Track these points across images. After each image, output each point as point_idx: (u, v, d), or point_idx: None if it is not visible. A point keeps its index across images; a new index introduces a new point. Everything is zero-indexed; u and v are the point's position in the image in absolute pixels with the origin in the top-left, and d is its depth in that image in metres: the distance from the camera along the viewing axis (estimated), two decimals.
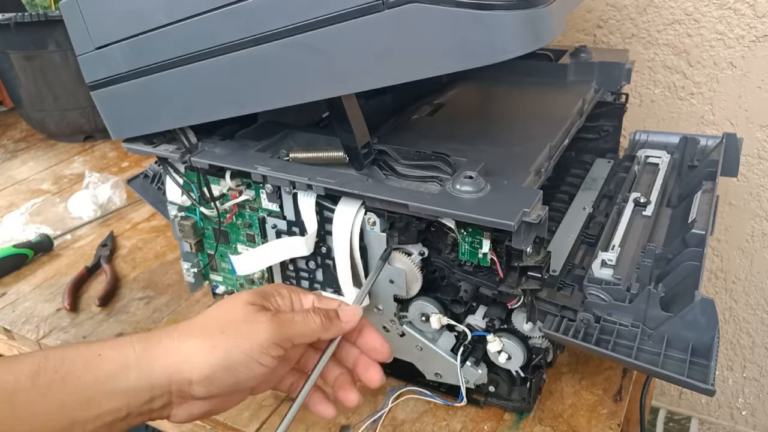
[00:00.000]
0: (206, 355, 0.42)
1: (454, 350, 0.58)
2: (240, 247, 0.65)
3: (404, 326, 0.59)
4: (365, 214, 0.54)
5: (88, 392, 0.40)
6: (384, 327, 0.60)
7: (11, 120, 1.44)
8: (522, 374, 0.57)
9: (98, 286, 0.83)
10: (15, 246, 0.87)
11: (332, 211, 0.55)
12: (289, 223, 0.59)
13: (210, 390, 0.42)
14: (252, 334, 0.42)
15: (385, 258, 0.54)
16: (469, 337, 0.57)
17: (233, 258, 0.62)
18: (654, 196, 0.64)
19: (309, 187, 0.54)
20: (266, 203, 0.59)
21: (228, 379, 0.42)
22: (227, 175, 0.59)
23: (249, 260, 0.61)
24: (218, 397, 0.43)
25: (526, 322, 0.54)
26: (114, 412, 0.40)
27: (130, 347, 0.42)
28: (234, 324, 0.43)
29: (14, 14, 1.09)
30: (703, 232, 0.54)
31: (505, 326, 0.56)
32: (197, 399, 0.43)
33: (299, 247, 0.57)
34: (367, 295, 0.58)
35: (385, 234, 0.54)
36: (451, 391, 0.61)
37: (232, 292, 0.70)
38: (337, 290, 0.59)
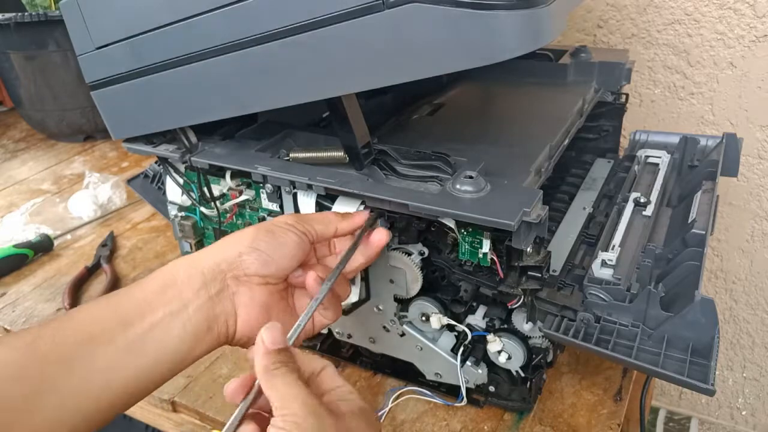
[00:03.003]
0: (247, 231, 0.48)
1: (454, 350, 0.58)
2: None
3: (404, 326, 0.59)
4: None
5: (138, 296, 0.44)
6: (384, 327, 0.60)
7: (11, 120, 1.44)
8: (522, 374, 0.57)
9: (98, 286, 0.82)
10: (15, 246, 0.87)
11: None
12: None
13: (260, 256, 0.46)
14: (276, 219, 0.50)
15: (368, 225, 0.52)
16: (469, 337, 0.57)
17: None
18: (654, 196, 0.64)
19: (309, 186, 0.54)
20: (266, 203, 0.59)
21: (271, 240, 0.47)
22: (227, 175, 0.59)
23: None
24: (269, 274, 0.47)
25: (526, 322, 0.54)
26: (166, 304, 0.43)
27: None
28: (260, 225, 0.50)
29: (14, 14, 1.09)
30: (703, 232, 0.54)
31: (505, 326, 0.56)
32: (252, 277, 0.46)
33: None
34: (361, 288, 0.57)
35: None
36: (451, 391, 0.61)
37: None
38: None
